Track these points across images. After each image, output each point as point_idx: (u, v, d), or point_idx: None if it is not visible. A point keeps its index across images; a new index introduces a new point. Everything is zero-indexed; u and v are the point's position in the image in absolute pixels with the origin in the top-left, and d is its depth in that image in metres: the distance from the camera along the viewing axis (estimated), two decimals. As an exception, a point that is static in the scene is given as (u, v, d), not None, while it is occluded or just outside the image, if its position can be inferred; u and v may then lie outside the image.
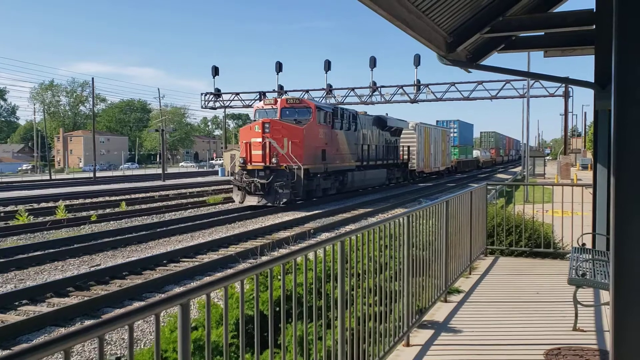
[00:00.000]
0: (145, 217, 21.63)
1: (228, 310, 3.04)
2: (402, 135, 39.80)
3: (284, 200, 23.40)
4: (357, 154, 30.36)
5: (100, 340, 1.84)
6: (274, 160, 23.88)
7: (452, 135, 58.21)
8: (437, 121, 59.25)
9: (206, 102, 49.39)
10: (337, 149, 27.55)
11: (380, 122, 34.80)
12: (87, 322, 6.07)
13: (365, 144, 31.59)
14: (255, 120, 25.92)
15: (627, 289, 2.65)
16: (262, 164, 24.22)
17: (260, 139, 24.29)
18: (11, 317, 8.64)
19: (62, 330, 8.15)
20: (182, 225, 18.13)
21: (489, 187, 10.51)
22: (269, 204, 23.45)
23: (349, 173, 29.20)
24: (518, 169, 63.83)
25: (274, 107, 25.68)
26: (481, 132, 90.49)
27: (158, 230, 17.00)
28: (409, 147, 40.69)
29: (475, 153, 71.60)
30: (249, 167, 24.36)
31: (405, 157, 40.66)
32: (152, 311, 2.04)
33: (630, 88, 2.64)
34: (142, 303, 2.09)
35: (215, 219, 20.04)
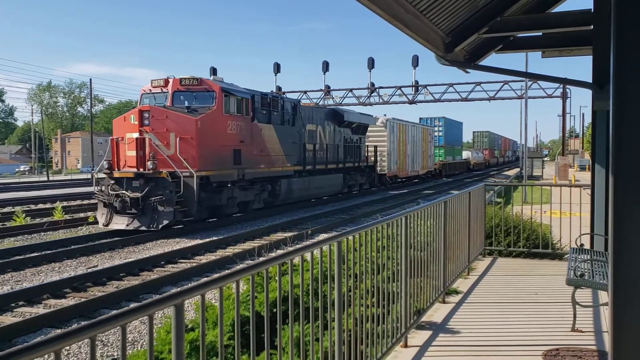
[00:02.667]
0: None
1: (224, 311, 3.02)
2: (368, 133, 33.94)
3: (165, 222, 16.58)
4: (298, 155, 23.85)
5: (92, 342, 1.81)
6: (149, 164, 17.02)
7: (436, 134, 52.16)
8: (421, 118, 53.16)
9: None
10: (262, 149, 20.76)
11: (336, 116, 28.73)
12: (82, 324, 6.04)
13: (311, 143, 25.23)
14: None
15: (625, 289, 2.63)
16: (135, 169, 17.46)
17: (136, 134, 17.63)
18: (7, 319, 8.60)
19: (59, 332, 8.12)
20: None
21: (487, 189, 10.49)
22: (144, 228, 16.69)
23: (284, 180, 22.47)
24: (513, 172, 59.50)
25: (165, 89, 18.62)
26: (474, 132, 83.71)
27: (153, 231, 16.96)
28: (376, 147, 34.35)
29: (466, 154, 65.01)
30: (116, 174, 17.56)
31: (373, 159, 34.43)
32: (145, 312, 2.01)
33: (629, 88, 2.62)
34: (136, 304, 2.06)
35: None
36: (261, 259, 2.97)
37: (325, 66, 46.79)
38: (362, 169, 32.27)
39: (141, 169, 17.39)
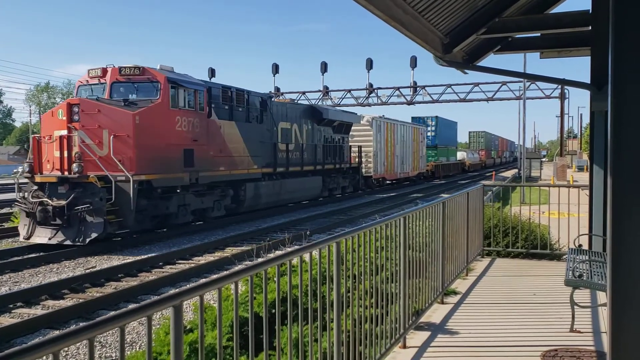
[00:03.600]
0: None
1: (222, 312, 3.02)
2: (353, 133, 31.85)
3: (93, 235, 14.05)
4: (268, 156, 21.51)
5: (90, 343, 1.81)
6: (75, 167, 14.52)
7: (429, 134, 49.78)
8: (413, 118, 50.85)
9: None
10: (221, 149, 18.38)
11: (315, 114, 26.43)
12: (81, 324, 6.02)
13: (284, 143, 22.98)
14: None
15: (624, 290, 2.63)
16: (60, 173, 14.93)
17: (64, 132, 15.08)
18: (5, 320, 8.59)
19: (57, 333, 8.11)
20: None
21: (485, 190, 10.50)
22: (69, 242, 14.08)
23: (250, 184, 20.01)
24: (510, 173, 57.30)
25: (103, 80, 16.15)
26: (470, 132, 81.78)
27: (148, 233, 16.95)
28: (360, 147, 31.79)
29: (460, 155, 62.60)
30: (38, 178, 15.05)
31: (358, 160, 32.04)
32: (143, 313, 2.01)
33: (628, 89, 2.62)
34: (134, 305, 2.06)
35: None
36: (260, 259, 2.97)
37: (324, 67, 46.82)
38: (344, 171, 29.78)
39: (66, 172, 14.83)
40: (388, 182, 38.57)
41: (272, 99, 23.28)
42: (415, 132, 43.21)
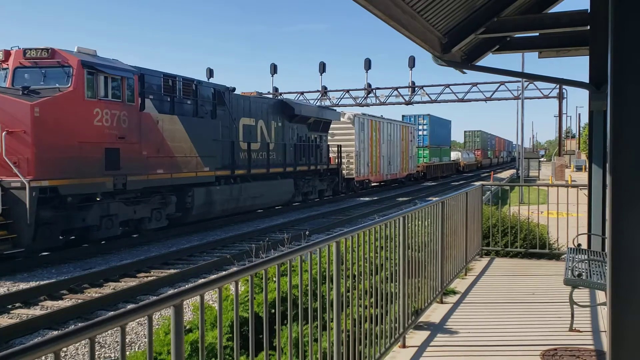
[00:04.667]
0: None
1: (222, 312, 3.02)
2: (334, 131, 29.79)
3: None
4: (224, 156, 18.90)
5: (91, 342, 1.81)
6: None
7: (420, 133, 47.62)
8: (404, 116, 48.94)
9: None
10: (158, 148, 15.62)
11: (285, 109, 23.66)
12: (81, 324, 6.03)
13: (246, 141, 20.38)
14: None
15: (623, 289, 2.63)
16: None
17: None
18: (4, 321, 8.58)
19: (58, 333, 8.10)
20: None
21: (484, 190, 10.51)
22: None
23: (199, 189, 17.39)
24: (507, 173, 55.63)
25: (5, 65, 13.53)
26: (465, 131, 78.72)
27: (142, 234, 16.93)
28: (339, 146, 29.22)
29: (455, 155, 59.88)
30: None
31: (342, 160, 29.82)
32: (144, 312, 2.01)
33: (626, 88, 2.62)
34: (134, 305, 2.06)
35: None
36: (259, 259, 2.97)
37: (322, 67, 46.85)
38: (322, 172, 27.05)
39: None
40: (374, 184, 36.30)
41: (233, 92, 20.16)
42: (404, 130, 40.68)
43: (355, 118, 31.43)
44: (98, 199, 14.17)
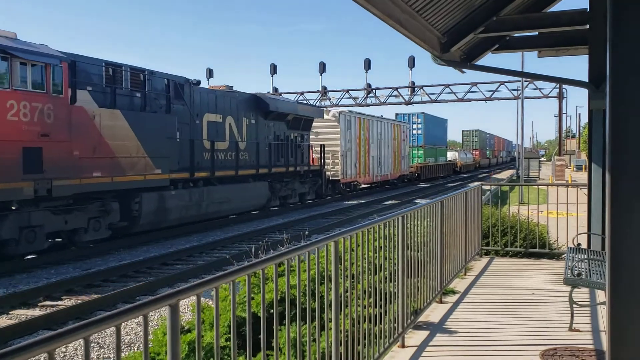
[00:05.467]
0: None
1: (220, 312, 3.00)
2: (317, 129, 27.93)
3: None
4: (182, 157, 16.93)
5: (86, 342, 1.79)
6: None
7: (414, 132, 45.62)
8: (397, 114, 47.14)
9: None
10: (95, 148, 13.54)
11: (260, 105, 21.53)
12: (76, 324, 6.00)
13: (211, 140, 18.36)
14: None
15: (623, 288, 2.62)
16: None
17: None
18: (3, 321, 8.57)
19: (52, 333, 8.09)
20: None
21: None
22: None
23: (148, 195, 15.27)
24: (506, 174, 54.06)
25: None
26: (463, 131, 77.38)
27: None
28: (322, 146, 26.94)
29: (451, 155, 57.61)
30: None
31: (327, 161, 27.82)
32: (140, 312, 2.00)
33: (625, 87, 2.61)
34: (130, 304, 2.04)
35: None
36: (257, 259, 2.96)
37: (322, 67, 46.87)
38: (303, 174, 24.87)
39: None
40: (363, 186, 34.17)
41: (197, 85, 18.21)
42: (396, 129, 38.42)
43: (340, 116, 29.53)
44: (14, 207, 12.10)
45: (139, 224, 15.27)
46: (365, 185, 34.66)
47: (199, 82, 18.37)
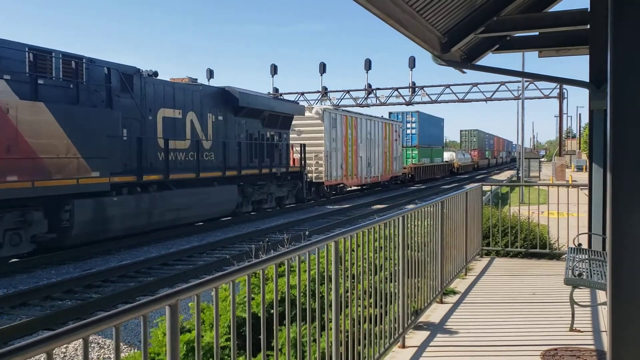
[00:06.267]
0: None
1: (220, 312, 3.00)
2: (299, 128, 26.22)
3: None
4: (127, 157, 14.89)
5: (85, 342, 1.78)
6: None
7: (409, 131, 43.62)
8: (390, 113, 45.29)
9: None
10: (8, 146, 11.56)
11: (229, 100, 19.42)
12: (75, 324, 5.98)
13: (166, 138, 16.32)
14: None
15: (624, 288, 2.61)
16: None
17: None
18: (3, 322, 8.56)
19: (51, 333, 8.08)
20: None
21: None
22: None
23: (83, 202, 13.15)
24: (505, 175, 53.06)
25: None
26: (461, 131, 75.19)
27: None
28: (303, 145, 24.79)
29: (448, 156, 55.82)
30: None
31: (309, 162, 26.01)
32: (139, 312, 1.99)
33: (626, 87, 2.61)
34: (129, 305, 2.04)
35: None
36: (257, 259, 2.95)
37: (323, 68, 46.88)
38: (280, 177, 22.76)
39: None
40: (351, 188, 32.20)
41: (153, 76, 16.34)
42: (387, 128, 36.34)
43: (324, 113, 27.34)
44: None
45: (70, 235, 13.05)
46: (352, 188, 32.71)
47: (155, 74, 16.46)
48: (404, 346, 5.11)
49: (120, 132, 14.64)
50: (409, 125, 43.99)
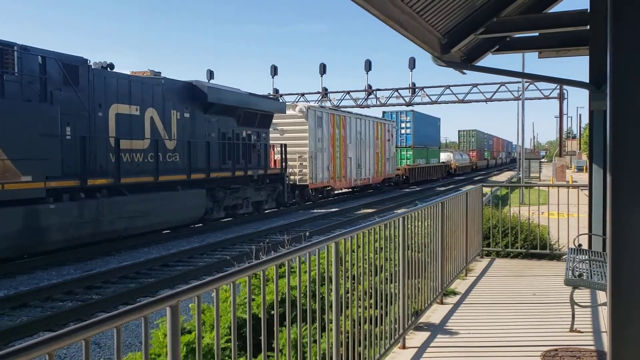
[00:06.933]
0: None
1: (220, 313, 3.00)
2: (282, 127, 24.93)
3: None
4: (71, 159, 13.31)
5: (86, 343, 1.79)
6: None
7: (403, 131, 41.90)
8: (384, 112, 43.78)
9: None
10: None
11: (197, 95, 17.65)
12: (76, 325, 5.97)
13: (118, 137, 14.56)
14: None
15: (624, 289, 2.61)
16: None
17: None
18: (4, 323, 8.56)
19: (52, 334, 8.07)
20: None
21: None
22: None
23: (8, 211, 11.51)
24: (504, 176, 51.89)
25: None
26: (459, 131, 73.96)
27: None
28: (283, 145, 22.96)
29: (445, 156, 54.36)
30: None
31: (293, 163, 24.77)
32: (139, 313, 1.99)
33: (626, 87, 2.61)
34: (130, 306, 2.04)
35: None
36: (258, 260, 2.96)
37: (323, 69, 46.91)
38: (258, 179, 20.93)
39: None
40: (339, 191, 30.70)
41: (105, 68, 14.74)
42: (379, 128, 34.70)
43: (309, 111, 25.68)
44: None
45: None
46: (340, 191, 31.11)
47: (110, 66, 14.84)
48: (404, 347, 5.12)
49: (60, 131, 12.83)
50: (403, 125, 42.24)
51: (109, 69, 14.86)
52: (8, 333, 7.76)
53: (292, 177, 24.55)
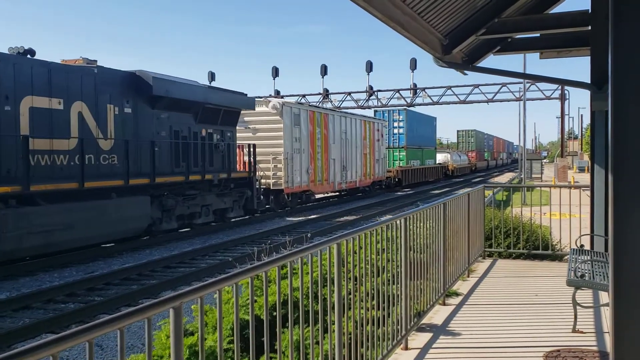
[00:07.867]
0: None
1: (223, 315, 3.01)
2: (253, 125, 22.74)
3: None
4: None
5: (90, 345, 1.79)
6: None
7: (395, 131, 38.93)
8: (376, 111, 41.58)
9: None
10: None
11: (141, 87, 15.11)
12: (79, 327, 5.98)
13: (24, 135, 11.97)
14: None
15: (626, 289, 2.61)
16: None
17: None
18: (6, 325, 8.57)
19: (56, 336, 8.08)
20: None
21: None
22: None
23: None
24: (505, 177, 50.66)
25: None
26: (458, 131, 72.01)
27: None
28: (252, 146, 20.42)
29: (442, 157, 51.78)
30: None
31: (264, 165, 22.15)
32: (143, 315, 2.00)
33: (627, 88, 2.61)
34: (133, 307, 2.05)
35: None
36: (260, 262, 2.96)
37: (324, 69, 46.94)
38: (221, 184, 18.60)
39: None
40: (325, 195, 28.58)
41: (21, 54, 12.56)
42: (367, 126, 32.15)
43: (284, 108, 23.13)
44: None
45: None
46: (322, 195, 28.65)
47: (30, 52, 12.71)
48: (406, 348, 5.12)
49: None
50: (395, 124, 39.10)
51: (29, 56, 12.60)
52: (10, 335, 7.78)
53: (264, 181, 22.31)
